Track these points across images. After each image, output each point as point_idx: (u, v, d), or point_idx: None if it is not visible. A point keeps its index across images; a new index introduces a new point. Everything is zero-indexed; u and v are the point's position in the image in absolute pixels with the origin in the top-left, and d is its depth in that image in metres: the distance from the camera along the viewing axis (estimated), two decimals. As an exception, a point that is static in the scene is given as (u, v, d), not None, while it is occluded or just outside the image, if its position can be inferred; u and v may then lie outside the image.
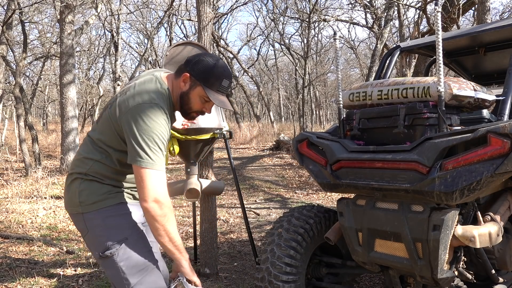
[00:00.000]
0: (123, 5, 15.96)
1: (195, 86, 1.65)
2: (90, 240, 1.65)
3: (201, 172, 3.45)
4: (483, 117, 2.05)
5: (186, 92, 1.66)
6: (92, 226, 1.62)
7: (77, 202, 1.63)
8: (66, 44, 7.13)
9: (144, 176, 1.52)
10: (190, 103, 1.67)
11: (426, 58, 6.22)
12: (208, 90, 1.63)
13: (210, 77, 1.63)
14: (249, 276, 3.44)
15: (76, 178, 1.66)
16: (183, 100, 1.67)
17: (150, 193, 1.50)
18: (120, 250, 1.59)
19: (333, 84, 28.20)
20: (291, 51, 19.32)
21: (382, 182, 1.93)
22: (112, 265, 1.60)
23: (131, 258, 1.61)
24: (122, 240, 1.60)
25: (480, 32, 2.55)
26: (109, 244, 1.59)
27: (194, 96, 1.66)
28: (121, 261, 1.59)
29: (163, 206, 1.51)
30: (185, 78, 1.65)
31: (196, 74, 1.64)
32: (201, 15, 3.45)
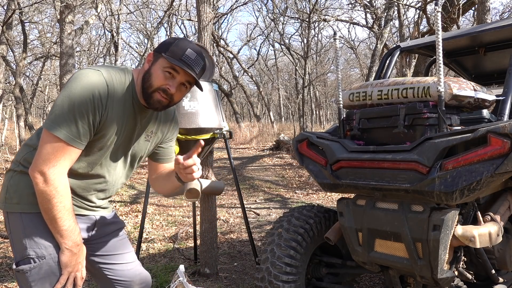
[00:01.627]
0: (123, 5, 15.97)
1: (157, 59, 1.43)
2: (12, 243, 1.43)
3: (201, 172, 3.44)
4: (483, 117, 2.05)
5: (148, 69, 1.44)
6: (14, 229, 1.41)
7: (3, 198, 1.43)
8: (66, 44, 7.13)
9: (43, 140, 1.32)
10: (151, 79, 1.42)
11: (426, 58, 6.22)
12: (170, 58, 1.39)
13: (171, 46, 1.42)
14: (249, 276, 3.44)
15: (10, 170, 1.46)
16: (144, 79, 1.44)
17: (40, 162, 1.31)
18: (34, 269, 1.38)
19: (333, 84, 28.21)
20: (291, 51, 19.32)
21: (382, 182, 1.93)
22: (24, 282, 1.40)
23: (45, 281, 1.39)
24: (40, 257, 1.38)
25: (480, 32, 2.55)
26: (25, 256, 1.38)
27: (155, 70, 1.42)
28: (33, 281, 1.38)
29: (49, 183, 1.31)
30: (149, 58, 1.46)
31: (158, 48, 1.45)
32: (201, 15, 3.45)
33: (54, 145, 1.31)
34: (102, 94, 1.36)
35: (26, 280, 1.39)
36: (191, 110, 2.95)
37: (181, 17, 17.14)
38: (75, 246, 1.40)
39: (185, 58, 1.41)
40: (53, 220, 1.35)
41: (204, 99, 3.03)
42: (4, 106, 16.24)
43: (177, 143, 3.00)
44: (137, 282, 1.66)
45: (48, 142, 1.32)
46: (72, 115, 1.31)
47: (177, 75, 1.43)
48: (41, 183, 1.31)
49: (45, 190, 1.31)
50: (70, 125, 1.32)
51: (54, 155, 1.32)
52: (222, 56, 21.11)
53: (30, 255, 1.38)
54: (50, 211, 1.33)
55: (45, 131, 1.32)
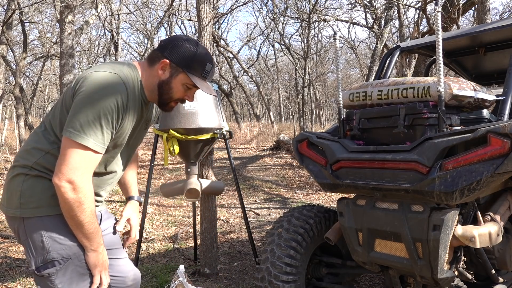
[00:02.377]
0: (123, 5, 15.97)
1: (177, 73, 1.46)
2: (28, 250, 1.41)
3: (201, 172, 3.45)
4: (483, 117, 2.05)
5: (166, 81, 1.47)
6: (33, 235, 1.38)
7: (17, 204, 1.39)
8: (66, 44, 7.12)
9: (68, 149, 1.30)
10: (172, 92, 1.48)
11: (426, 58, 6.22)
12: (193, 76, 1.46)
13: (193, 63, 1.45)
14: (249, 276, 3.44)
15: (19, 174, 1.41)
16: (163, 89, 1.48)
17: (67, 171, 1.29)
18: (60, 271, 1.38)
19: (333, 84, 28.20)
20: (291, 51, 19.31)
21: (382, 182, 1.93)
22: (48, 285, 1.40)
23: (72, 280, 1.41)
24: (65, 258, 1.39)
25: (480, 32, 2.55)
26: (48, 260, 1.38)
27: (176, 84, 1.48)
28: (61, 282, 1.39)
29: (77, 191, 1.31)
30: (164, 65, 1.46)
31: (177, 60, 1.45)
32: (201, 15, 3.45)
33: (81, 154, 1.31)
34: (124, 98, 1.38)
35: (52, 282, 1.39)
36: (191, 110, 2.95)
37: (181, 17, 17.13)
38: (100, 246, 1.42)
39: (204, 74, 1.49)
40: (80, 225, 1.36)
41: (204, 99, 3.03)
42: (4, 106, 16.23)
43: (177, 143, 3.00)
44: (131, 278, 1.68)
45: (75, 151, 1.31)
46: (98, 123, 1.32)
47: (195, 88, 1.52)
48: (70, 191, 1.31)
49: (74, 198, 1.31)
50: (97, 132, 1.33)
51: (82, 163, 1.32)
52: (222, 56, 21.10)
53: (54, 258, 1.38)
54: (78, 217, 1.34)
55: (69, 140, 1.31)
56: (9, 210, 1.43)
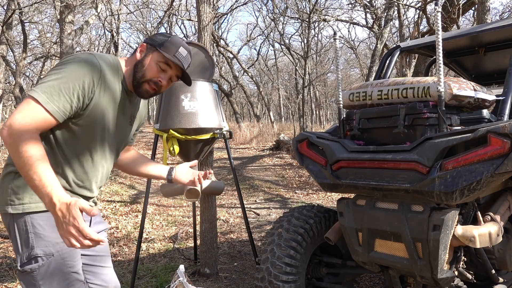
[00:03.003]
0: (123, 5, 15.97)
1: (151, 52, 1.54)
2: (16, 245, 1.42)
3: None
4: (483, 117, 2.05)
5: (141, 60, 1.54)
6: (20, 231, 1.40)
7: (7, 201, 1.41)
8: (66, 44, 7.12)
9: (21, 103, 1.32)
10: (143, 69, 1.53)
11: (426, 58, 6.22)
12: (166, 54, 1.52)
13: (166, 42, 1.54)
14: (249, 276, 3.44)
15: (10, 172, 1.43)
16: (136, 68, 1.53)
17: (11, 117, 1.29)
18: (42, 267, 1.39)
19: (333, 84, 28.20)
20: (291, 51, 19.31)
21: (382, 182, 1.93)
22: (30, 282, 1.40)
23: (53, 278, 1.40)
24: (48, 255, 1.39)
25: (480, 32, 2.55)
26: (32, 256, 1.38)
27: (149, 62, 1.53)
28: (42, 279, 1.39)
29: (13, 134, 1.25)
30: (141, 48, 1.56)
31: (152, 41, 1.55)
32: (201, 15, 3.45)
33: (31, 105, 1.30)
34: (96, 74, 1.41)
35: (33, 279, 1.39)
36: (191, 110, 2.95)
37: (181, 17, 17.13)
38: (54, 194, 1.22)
39: (178, 55, 1.54)
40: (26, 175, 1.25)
41: (204, 99, 3.03)
42: (4, 106, 16.23)
43: (177, 143, 3.00)
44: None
45: (26, 103, 1.31)
46: (58, 86, 1.34)
47: (169, 69, 1.56)
48: (6, 135, 1.26)
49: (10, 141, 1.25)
50: (53, 93, 1.33)
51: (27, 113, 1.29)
52: (222, 56, 21.09)
53: (37, 254, 1.39)
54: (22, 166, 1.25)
55: (27, 96, 1.33)
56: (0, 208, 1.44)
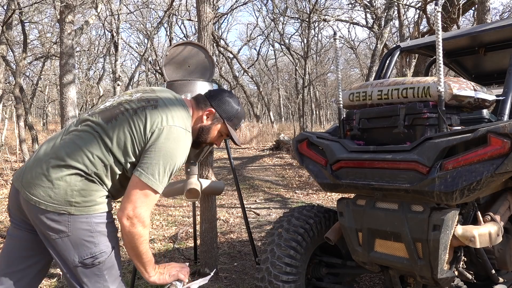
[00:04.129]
0: (123, 5, 15.96)
1: (218, 122, 1.76)
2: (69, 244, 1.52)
3: (201, 172, 3.44)
4: (483, 117, 2.05)
5: (207, 127, 1.75)
6: (78, 230, 1.52)
7: (70, 202, 1.50)
8: (66, 44, 7.12)
9: (139, 190, 1.50)
10: (208, 136, 1.77)
11: (426, 58, 6.22)
12: (231, 129, 1.78)
13: (234, 118, 1.79)
14: (249, 276, 3.44)
15: (76, 174, 1.51)
16: (202, 133, 1.75)
17: (135, 209, 1.50)
18: (108, 258, 1.57)
19: (333, 84, 28.20)
20: (291, 51, 19.32)
21: (382, 182, 1.93)
22: (94, 273, 1.56)
23: (114, 267, 1.61)
24: (111, 248, 1.59)
25: (480, 32, 2.55)
26: (96, 252, 1.54)
27: (214, 131, 1.77)
28: (106, 269, 1.58)
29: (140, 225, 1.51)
30: (209, 113, 1.74)
31: (222, 112, 1.76)
32: (201, 15, 3.45)
33: (149, 195, 1.52)
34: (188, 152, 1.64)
35: (99, 270, 1.56)
36: (191, 110, 2.95)
37: (181, 17, 17.14)
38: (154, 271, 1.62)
39: (237, 127, 1.84)
40: (138, 255, 1.56)
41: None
42: (4, 106, 16.23)
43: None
44: None
45: (145, 192, 1.51)
46: (169, 173, 1.55)
47: (226, 137, 1.85)
48: (131, 225, 1.49)
49: (137, 232, 1.51)
50: (166, 180, 1.55)
51: (148, 203, 1.52)
52: (222, 56, 21.11)
53: (102, 250, 1.55)
54: (137, 247, 1.54)
55: (143, 183, 1.50)
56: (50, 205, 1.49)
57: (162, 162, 1.52)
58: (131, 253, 1.56)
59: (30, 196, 1.50)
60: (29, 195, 1.50)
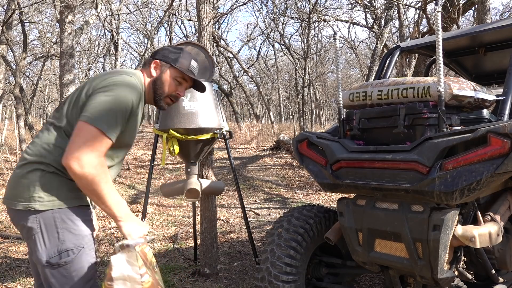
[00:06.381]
0: (123, 5, 15.95)
1: (166, 69, 1.69)
2: (39, 242, 1.48)
3: (201, 172, 3.45)
4: (483, 117, 2.05)
5: (158, 77, 1.69)
6: (46, 226, 1.47)
7: (33, 197, 1.47)
8: (66, 44, 7.11)
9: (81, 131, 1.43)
10: (164, 87, 1.69)
11: (426, 58, 6.22)
12: (181, 69, 1.70)
13: (180, 59, 1.70)
14: (249, 276, 3.44)
15: (36, 169, 1.49)
16: (156, 85, 1.69)
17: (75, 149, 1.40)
18: (75, 259, 1.50)
19: (333, 84, 28.19)
20: (291, 51, 19.31)
21: (382, 182, 1.93)
22: (61, 274, 1.49)
23: (84, 267, 1.53)
24: (79, 248, 1.51)
25: (480, 32, 2.55)
26: (62, 249, 1.48)
27: (166, 78, 1.69)
28: (74, 270, 1.50)
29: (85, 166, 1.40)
30: (155, 65, 1.69)
31: (166, 58, 1.70)
32: (201, 15, 3.45)
33: (93, 135, 1.43)
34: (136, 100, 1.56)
35: (66, 271, 1.50)
36: (191, 110, 2.95)
37: (181, 17, 17.14)
38: (127, 215, 1.52)
39: (191, 68, 1.73)
40: (99, 198, 1.45)
41: (204, 99, 3.03)
42: (4, 106, 16.23)
43: (177, 143, 3.00)
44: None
45: (87, 132, 1.43)
46: (115, 113, 1.48)
47: (185, 82, 1.75)
48: (78, 168, 1.40)
49: (83, 173, 1.41)
50: (111, 120, 1.47)
51: (91, 142, 1.42)
52: (222, 56, 21.09)
53: (69, 248, 1.49)
54: (94, 190, 1.44)
55: (85, 123, 1.43)
56: (19, 204, 1.49)
57: (104, 100, 1.47)
58: (94, 199, 1.47)
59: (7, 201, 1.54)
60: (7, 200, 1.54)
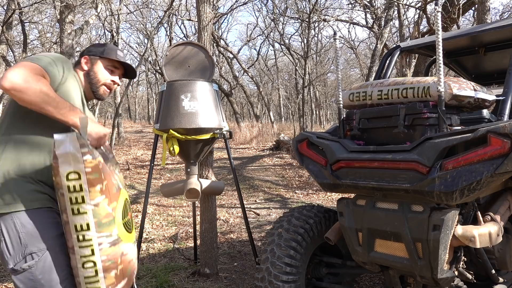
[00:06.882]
0: (123, 5, 15.95)
1: (96, 61, 1.79)
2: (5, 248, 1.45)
3: (201, 172, 3.45)
4: (483, 117, 2.05)
5: (90, 69, 1.78)
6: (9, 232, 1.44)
7: None
8: (66, 44, 7.12)
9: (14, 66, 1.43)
10: (97, 76, 1.78)
11: (426, 58, 6.22)
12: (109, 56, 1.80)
13: (106, 50, 1.81)
14: (249, 276, 3.44)
15: None
16: (90, 76, 1.78)
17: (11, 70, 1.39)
18: (39, 262, 1.44)
19: (333, 84, 28.19)
20: (291, 51, 19.31)
21: (382, 182, 1.93)
22: (28, 278, 1.44)
23: (51, 270, 1.46)
24: (42, 250, 1.45)
25: (480, 32, 2.55)
26: (26, 253, 1.43)
27: (98, 69, 1.78)
28: (41, 274, 1.45)
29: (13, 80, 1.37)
30: (85, 60, 1.79)
31: (93, 52, 1.80)
32: (201, 15, 3.45)
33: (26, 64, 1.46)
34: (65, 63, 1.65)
35: (32, 275, 1.44)
36: (191, 110, 2.95)
37: (181, 17, 17.13)
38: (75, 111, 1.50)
39: (118, 56, 1.82)
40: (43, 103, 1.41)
41: (204, 99, 3.03)
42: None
43: (177, 143, 3.00)
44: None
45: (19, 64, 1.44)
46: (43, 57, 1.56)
47: (116, 70, 1.84)
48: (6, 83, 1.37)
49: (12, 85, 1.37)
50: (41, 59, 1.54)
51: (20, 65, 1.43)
52: (222, 56, 21.09)
53: (32, 251, 1.44)
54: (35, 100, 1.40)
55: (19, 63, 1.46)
56: None
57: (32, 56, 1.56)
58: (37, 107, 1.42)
59: None
60: None
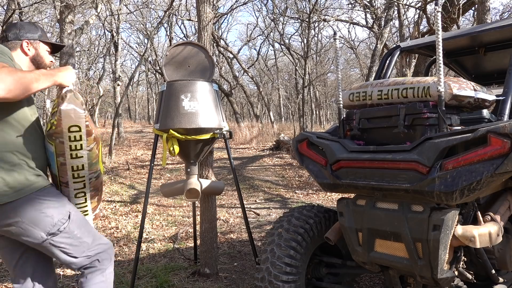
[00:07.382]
0: (123, 5, 15.94)
1: (38, 45, 1.90)
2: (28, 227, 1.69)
3: (201, 172, 3.45)
4: (483, 117, 2.05)
5: (36, 54, 1.90)
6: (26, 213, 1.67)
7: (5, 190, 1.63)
8: (66, 44, 7.11)
9: None
10: (43, 60, 1.92)
11: (426, 58, 6.23)
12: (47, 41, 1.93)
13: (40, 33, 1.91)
14: (249, 276, 3.44)
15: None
16: (37, 61, 1.90)
17: None
18: (71, 222, 1.77)
19: (333, 84, 28.20)
20: (291, 51, 19.31)
21: (382, 182, 1.93)
22: (65, 237, 1.75)
23: (82, 225, 1.82)
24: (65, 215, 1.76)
25: (480, 32, 2.55)
26: (56, 222, 1.72)
27: (42, 53, 1.91)
28: (74, 229, 1.78)
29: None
30: (27, 44, 1.87)
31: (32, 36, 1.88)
32: (201, 15, 3.45)
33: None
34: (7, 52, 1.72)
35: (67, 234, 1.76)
36: (191, 110, 2.95)
37: (181, 17, 17.13)
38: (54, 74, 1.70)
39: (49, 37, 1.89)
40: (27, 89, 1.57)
41: (204, 99, 3.03)
42: None
43: (177, 143, 3.00)
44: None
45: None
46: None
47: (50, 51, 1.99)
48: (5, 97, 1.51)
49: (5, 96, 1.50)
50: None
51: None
52: (222, 56, 21.09)
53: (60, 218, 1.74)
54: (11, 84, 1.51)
55: None
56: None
57: None
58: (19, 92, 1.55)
59: None
60: None
